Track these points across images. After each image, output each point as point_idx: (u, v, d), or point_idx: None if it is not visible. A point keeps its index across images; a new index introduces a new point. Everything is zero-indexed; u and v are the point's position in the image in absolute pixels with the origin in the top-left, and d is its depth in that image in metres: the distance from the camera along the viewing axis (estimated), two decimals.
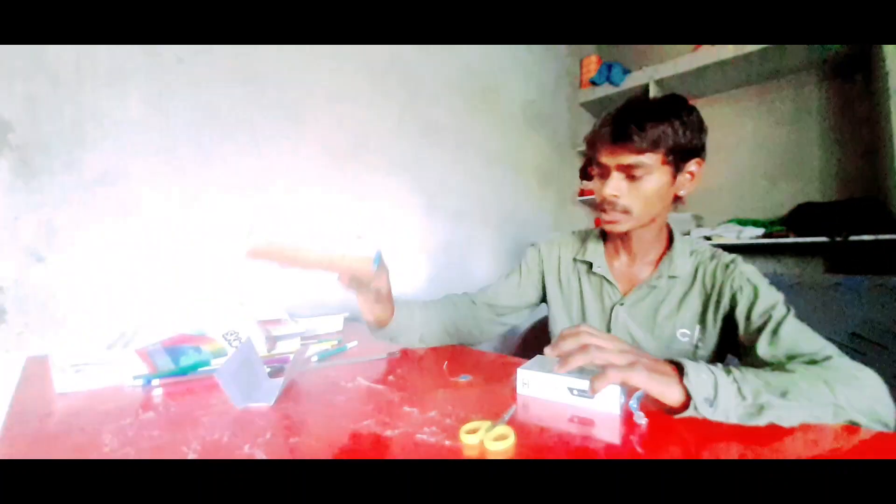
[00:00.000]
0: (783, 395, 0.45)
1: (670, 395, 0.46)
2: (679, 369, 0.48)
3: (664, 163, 0.68)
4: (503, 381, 0.62)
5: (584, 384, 0.51)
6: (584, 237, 0.89)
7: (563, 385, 0.53)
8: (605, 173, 0.71)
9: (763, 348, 0.62)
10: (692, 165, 0.70)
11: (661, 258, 0.78)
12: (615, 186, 0.69)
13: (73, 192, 0.90)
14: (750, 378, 0.47)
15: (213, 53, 1.10)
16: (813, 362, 0.55)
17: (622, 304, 0.78)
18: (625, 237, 0.78)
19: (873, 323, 1.38)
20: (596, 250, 0.84)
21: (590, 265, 0.83)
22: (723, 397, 0.45)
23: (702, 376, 0.46)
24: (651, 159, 0.67)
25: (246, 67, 1.16)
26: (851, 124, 1.94)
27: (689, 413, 0.46)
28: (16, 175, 0.84)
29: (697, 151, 0.69)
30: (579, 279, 0.86)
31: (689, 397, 0.45)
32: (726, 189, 2.25)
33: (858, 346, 1.37)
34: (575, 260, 0.87)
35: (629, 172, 0.68)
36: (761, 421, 0.44)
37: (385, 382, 0.64)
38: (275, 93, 1.22)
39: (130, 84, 0.98)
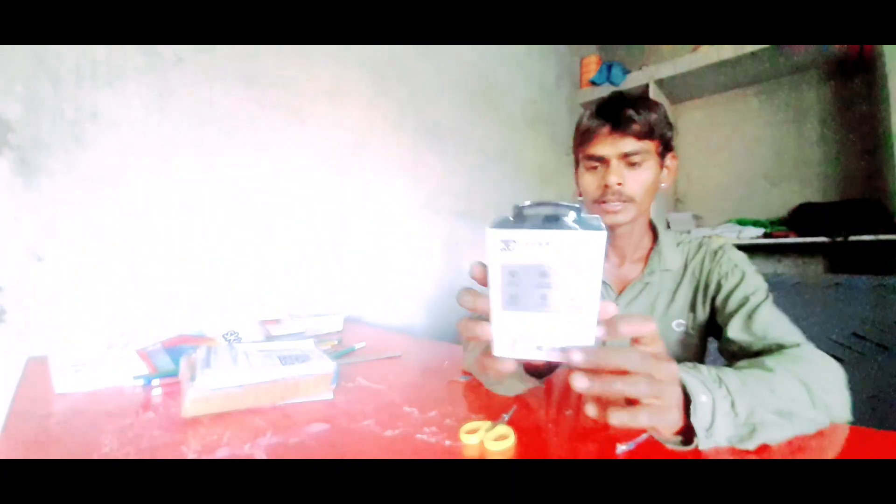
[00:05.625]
0: (777, 412, 0.42)
1: (669, 428, 0.38)
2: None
3: (657, 152, 0.71)
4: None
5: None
6: None
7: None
8: (603, 165, 0.72)
9: (734, 330, 0.63)
10: (669, 159, 0.75)
11: (648, 254, 0.79)
12: (618, 174, 0.69)
13: (73, 192, 0.90)
14: (748, 389, 0.41)
15: (213, 53, 1.10)
16: (781, 347, 0.56)
17: (616, 305, 0.77)
18: (614, 237, 0.78)
19: (873, 323, 1.38)
20: None
21: None
22: (719, 424, 0.39)
23: (701, 399, 0.38)
24: (649, 146, 0.70)
25: (246, 67, 1.16)
26: (851, 124, 1.94)
27: (683, 448, 0.40)
28: (16, 175, 0.84)
29: (671, 146, 0.74)
30: None
31: (689, 427, 0.38)
32: (726, 189, 2.25)
33: (858, 346, 1.37)
34: None
35: (629, 160, 0.69)
36: (751, 445, 0.40)
37: (385, 382, 0.64)
38: (275, 93, 1.22)
39: (130, 84, 0.98)
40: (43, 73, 0.87)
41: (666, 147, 0.73)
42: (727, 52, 1.95)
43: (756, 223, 2.00)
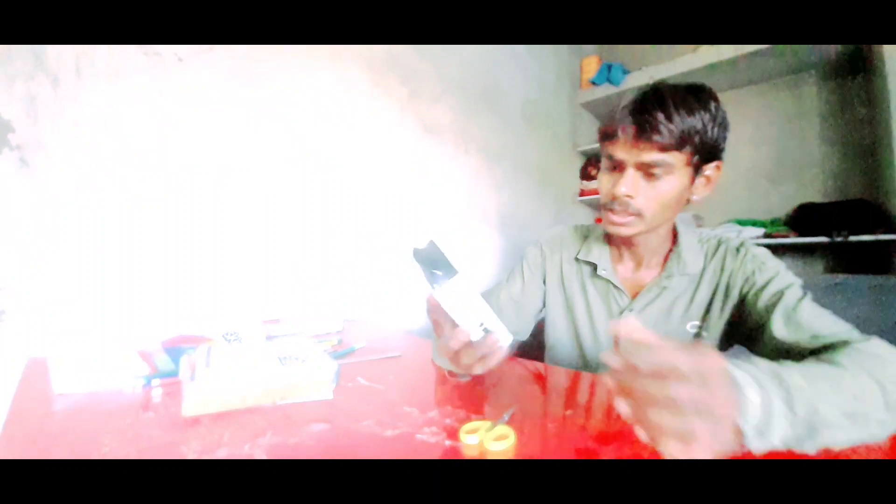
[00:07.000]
0: (845, 414, 0.37)
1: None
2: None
3: (688, 164, 0.62)
4: (503, 382, 0.62)
5: (498, 326, 0.45)
6: (585, 234, 0.83)
7: (474, 316, 0.45)
8: (618, 169, 0.64)
9: (779, 328, 0.55)
10: (711, 168, 0.64)
11: (666, 257, 0.74)
12: (631, 185, 0.62)
13: (73, 193, 0.90)
14: (811, 386, 0.36)
15: (213, 53, 1.10)
16: (846, 343, 0.48)
17: (631, 310, 0.74)
18: (630, 242, 0.73)
19: (873, 323, 1.38)
20: (601, 252, 0.78)
21: (594, 267, 0.78)
22: (776, 422, 0.34)
23: (750, 395, 0.34)
24: (675, 159, 0.60)
25: (246, 67, 1.16)
26: (851, 124, 1.94)
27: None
28: (16, 175, 0.84)
29: (719, 153, 0.63)
30: (582, 281, 0.80)
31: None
32: (726, 189, 2.24)
33: None
34: (577, 260, 0.81)
35: (648, 171, 0.61)
36: (811, 447, 0.36)
37: (385, 382, 0.64)
38: (275, 93, 1.22)
39: (130, 84, 0.98)
40: (43, 73, 0.87)
41: (706, 156, 0.62)
42: (727, 52, 1.95)
43: (756, 223, 2.01)
